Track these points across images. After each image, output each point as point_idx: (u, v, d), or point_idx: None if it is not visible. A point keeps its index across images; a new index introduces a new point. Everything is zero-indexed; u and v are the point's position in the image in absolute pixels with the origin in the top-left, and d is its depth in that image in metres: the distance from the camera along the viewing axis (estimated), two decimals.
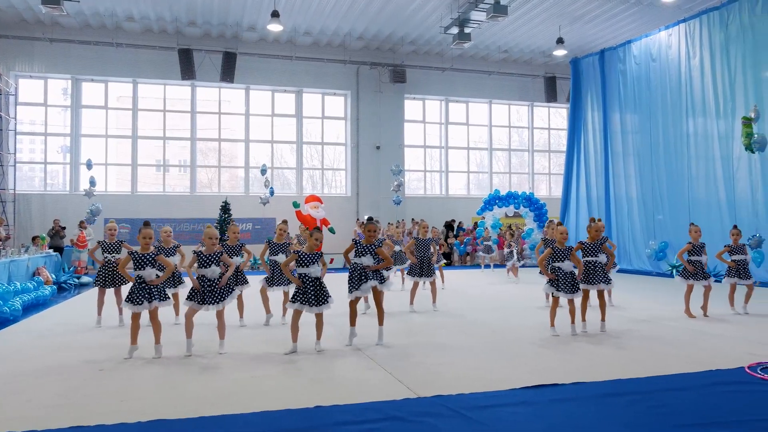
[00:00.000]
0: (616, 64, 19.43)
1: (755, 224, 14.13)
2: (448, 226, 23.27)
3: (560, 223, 8.14)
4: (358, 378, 5.29)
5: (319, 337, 6.46)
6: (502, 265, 16.78)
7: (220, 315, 6.45)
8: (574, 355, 6.23)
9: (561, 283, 7.26)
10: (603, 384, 5.00)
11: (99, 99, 21.47)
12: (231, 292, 6.48)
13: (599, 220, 7.97)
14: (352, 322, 6.83)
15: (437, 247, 12.05)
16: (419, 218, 22.20)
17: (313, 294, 6.31)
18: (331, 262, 19.73)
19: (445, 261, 13.64)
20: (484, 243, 17.10)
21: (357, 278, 6.73)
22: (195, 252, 6.44)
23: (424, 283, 10.11)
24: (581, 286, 7.41)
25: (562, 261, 7.30)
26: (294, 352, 6.28)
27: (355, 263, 6.77)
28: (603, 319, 7.60)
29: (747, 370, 5.38)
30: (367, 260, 6.71)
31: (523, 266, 18.07)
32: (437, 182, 25.22)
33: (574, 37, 21.22)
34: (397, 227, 13.66)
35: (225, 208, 20.12)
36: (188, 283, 7.64)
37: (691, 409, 4.32)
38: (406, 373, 5.38)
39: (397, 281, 13.37)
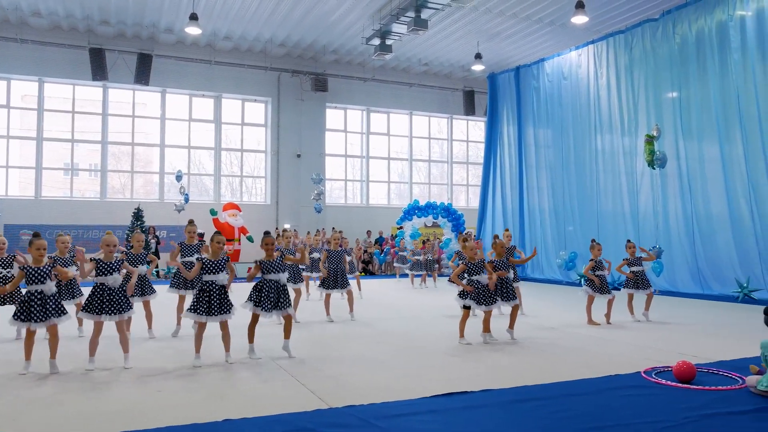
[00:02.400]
0: (530, 81, 20.19)
1: (656, 236, 15.00)
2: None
3: (470, 239, 8.34)
4: (269, 390, 5.20)
5: (227, 348, 6.28)
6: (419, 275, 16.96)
7: (120, 327, 6.15)
8: (484, 363, 6.39)
9: (480, 295, 7.39)
10: (510, 391, 5.14)
11: (0, 97, 20.19)
12: (131, 307, 6.22)
13: (506, 230, 8.21)
14: (251, 339, 6.58)
15: (351, 257, 12.12)
16: (339, 227, 22.19)
17: (217, 303, 6.14)
18: (248, 272, 19.36)
19: (360, 271, 13.69)
20: (414, 257, 17.04)
21: (266, 295, 6.44)
22: (93, 259, 6.14)
23: (342, 294, 10.10)
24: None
25: (479, 274, 7.46)
26: (198, 366, 6.09)
27: (269, 279, 6.52)
28: (511, 327, 7.83)
29: (643, 374, 5.69)
30: (282, 277, 6.57)
31: (441, 275, 18.39)
32: (358, 191, 25.31)
33: (491, 53, 21.89)
34: (315, 236, 13.57)
35: (137, 215, 19.36)
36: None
37: (592, 412, 4.52)
38: (318, 384, 5.34)
39: (310, 290, 13.17)
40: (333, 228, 22.17)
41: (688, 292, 13.99)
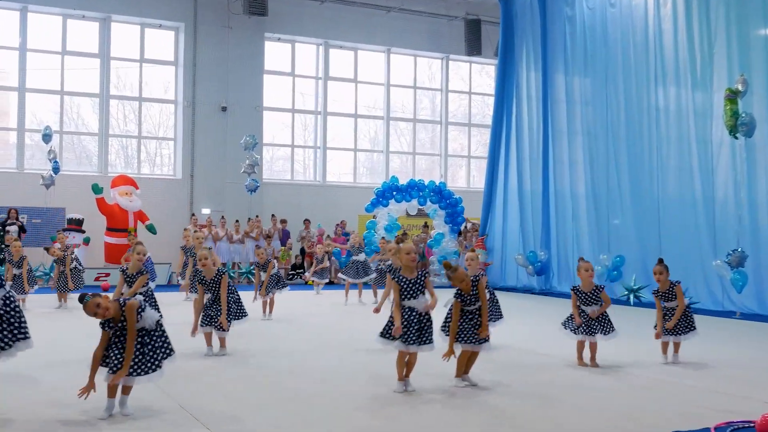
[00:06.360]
0: (562, 8, 20.19)
1: (737, 233, 15.05)
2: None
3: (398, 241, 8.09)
4: None
5: None
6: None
7: None
8: (472, 411, 6.35)
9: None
10: None
11: None
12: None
13: (472, 249, 8.01)
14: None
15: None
16: (280, 215, 22.10)
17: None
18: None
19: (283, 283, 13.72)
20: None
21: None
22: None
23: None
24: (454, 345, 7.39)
25: (414, 297, 7.12)
26: None
27: None
28: (467, 372, 7.63)
29: (713, 431, 5.70)
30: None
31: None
32: (311, 163, 25.20)
33: None
34: (194, 231, 13.56)
35: None
36: None
37: None
38: None
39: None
40: (272, 216, 22.07)
41: None
